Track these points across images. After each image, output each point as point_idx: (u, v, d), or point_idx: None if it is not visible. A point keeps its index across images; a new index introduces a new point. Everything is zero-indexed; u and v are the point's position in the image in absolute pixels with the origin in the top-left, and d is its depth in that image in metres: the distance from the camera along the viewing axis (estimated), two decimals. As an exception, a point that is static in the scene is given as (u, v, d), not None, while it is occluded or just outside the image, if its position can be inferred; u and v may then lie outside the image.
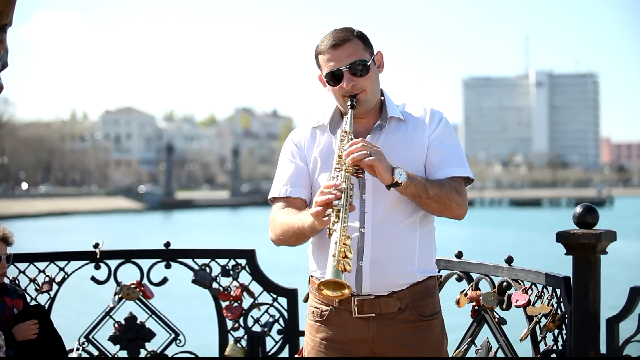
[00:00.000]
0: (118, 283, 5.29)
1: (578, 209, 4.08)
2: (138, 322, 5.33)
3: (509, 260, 4.44)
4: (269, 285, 5.22)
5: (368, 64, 3.89)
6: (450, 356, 4.48)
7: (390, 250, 3.79)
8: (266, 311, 5.23)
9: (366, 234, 3.81)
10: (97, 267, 5.31)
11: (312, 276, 4.01)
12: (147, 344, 5.33)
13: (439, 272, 4.60)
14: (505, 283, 4.43)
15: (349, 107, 3.86)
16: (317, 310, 3.95)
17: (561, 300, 4.15)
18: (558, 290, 4.17)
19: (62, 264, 5.30)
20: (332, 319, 3.89)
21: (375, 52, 3.98)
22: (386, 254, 3.78)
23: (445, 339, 3.96)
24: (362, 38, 3.94)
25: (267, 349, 5.20)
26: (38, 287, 5.25)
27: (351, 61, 3.86)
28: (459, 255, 4.64)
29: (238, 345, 5.21)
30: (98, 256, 5.28)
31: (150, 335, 5.34)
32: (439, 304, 3.95)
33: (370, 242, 3.80)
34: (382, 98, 4.01)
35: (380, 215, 3.82)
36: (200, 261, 5.28)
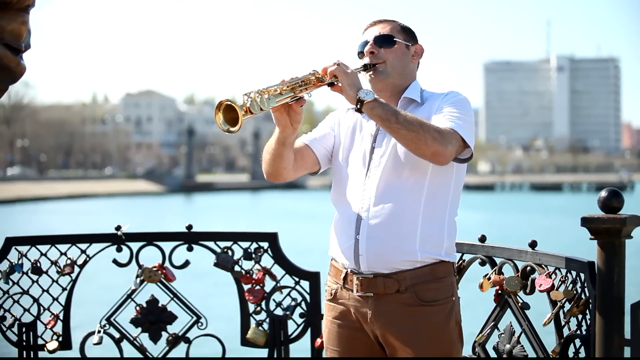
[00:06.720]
0: (140, 266, 5.29)
1: (603, 193, 4.04)
2: (159, 304, 5.33)
3: (533, 245, 4.40)
4: (291, 269, 5.21)
5: (395, 39, 3.91)
6: (473, 341, 4.46)
7: (388, 226, 3.78)
8: (288, 294, 5.22)
9: (364, 209, 3.83)
10: (119, 250, 5.30)
11: (331, 258, 4.04)
12: (168, 327, 5.32)
13: (462, 256, 4.57)
14: (528, 267, 4.40)
15: (362, 68, 3.88)
16: (329, 289, 4.01)
17: (585, 285, 4.12)
18: (582, 275, 4.14)
19: (83, 246, 5.29)
20: (340, 297, 3.94)
21: (416, 44, 4.01)
22: (383, 229, 3.78)
23: (455, 329, 3.87)
24: (403, 26, 4.00)
25: (289, 332, 5.19)
26: (59, 270, 5.25)
27: (381, 34, 3.93)
28: (483, 239, 4.59)
29: (260, 328, 5.21)
30: (123, 238, 5.27)
31: (172, 318, 5.34)
32: (448, 291, 3.86)
33: (368, 217, 3.81)
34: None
35: (381, 192, 3.81)
36: (223, 244, 5.27)
